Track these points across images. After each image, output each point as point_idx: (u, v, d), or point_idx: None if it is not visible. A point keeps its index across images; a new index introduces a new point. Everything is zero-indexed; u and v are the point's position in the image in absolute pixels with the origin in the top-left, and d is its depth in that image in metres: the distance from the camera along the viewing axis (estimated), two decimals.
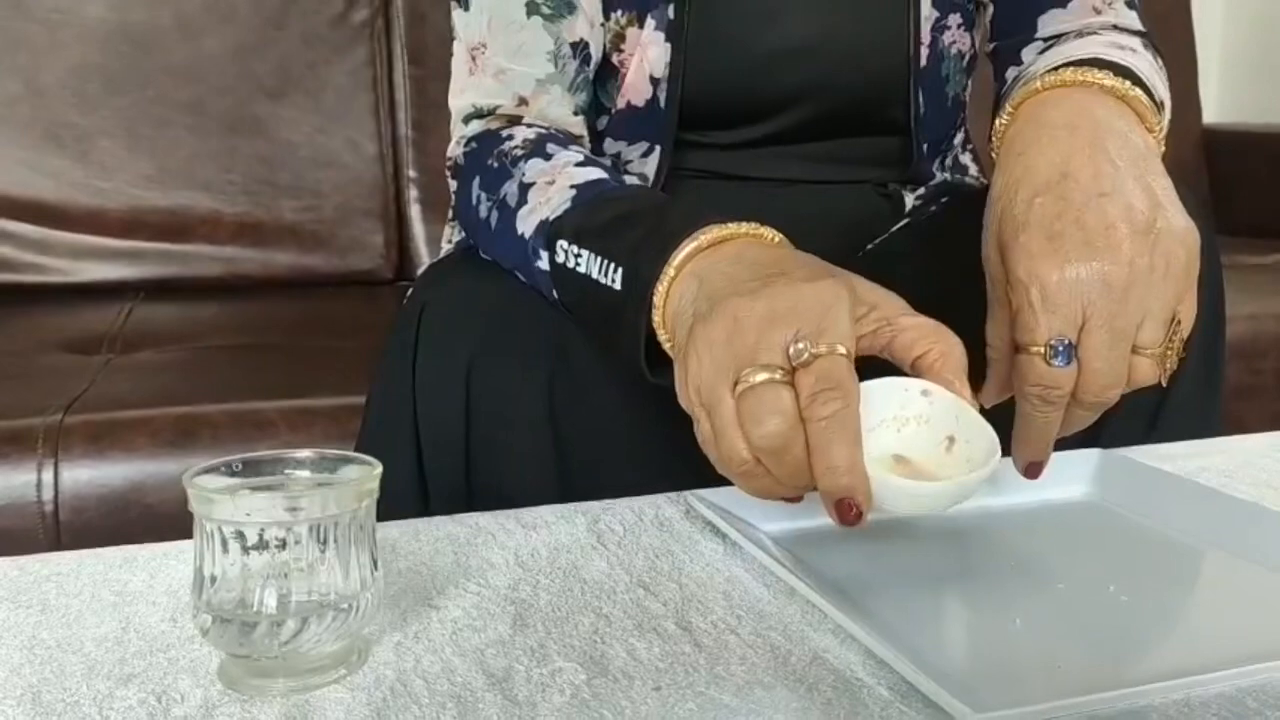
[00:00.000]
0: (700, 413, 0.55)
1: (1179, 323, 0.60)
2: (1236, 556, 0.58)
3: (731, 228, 0.63)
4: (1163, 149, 0.71)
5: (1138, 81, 0.69)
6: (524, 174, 0.77)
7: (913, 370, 0.57)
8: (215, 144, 1.67)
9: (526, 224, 0.75)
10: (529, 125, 0.84)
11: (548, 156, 0.78)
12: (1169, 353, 0.60)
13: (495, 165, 0.80)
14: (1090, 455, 0.69)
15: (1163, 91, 0.75)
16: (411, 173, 1.77)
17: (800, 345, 0.52)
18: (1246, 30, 2.40)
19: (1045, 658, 0.49)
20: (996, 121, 0.70)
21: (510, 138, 0.82)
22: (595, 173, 0.75)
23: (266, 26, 1.70)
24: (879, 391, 0.55)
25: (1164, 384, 0.61)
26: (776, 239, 0.64)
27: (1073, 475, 0.68)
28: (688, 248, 0.62)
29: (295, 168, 1.70)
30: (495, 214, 0.78)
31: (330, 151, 1.72)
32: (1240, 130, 2.16)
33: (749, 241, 0.63)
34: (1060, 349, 0.57)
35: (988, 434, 0.54)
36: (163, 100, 1.66)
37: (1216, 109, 2.36)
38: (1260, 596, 0.55)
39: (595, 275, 0.68)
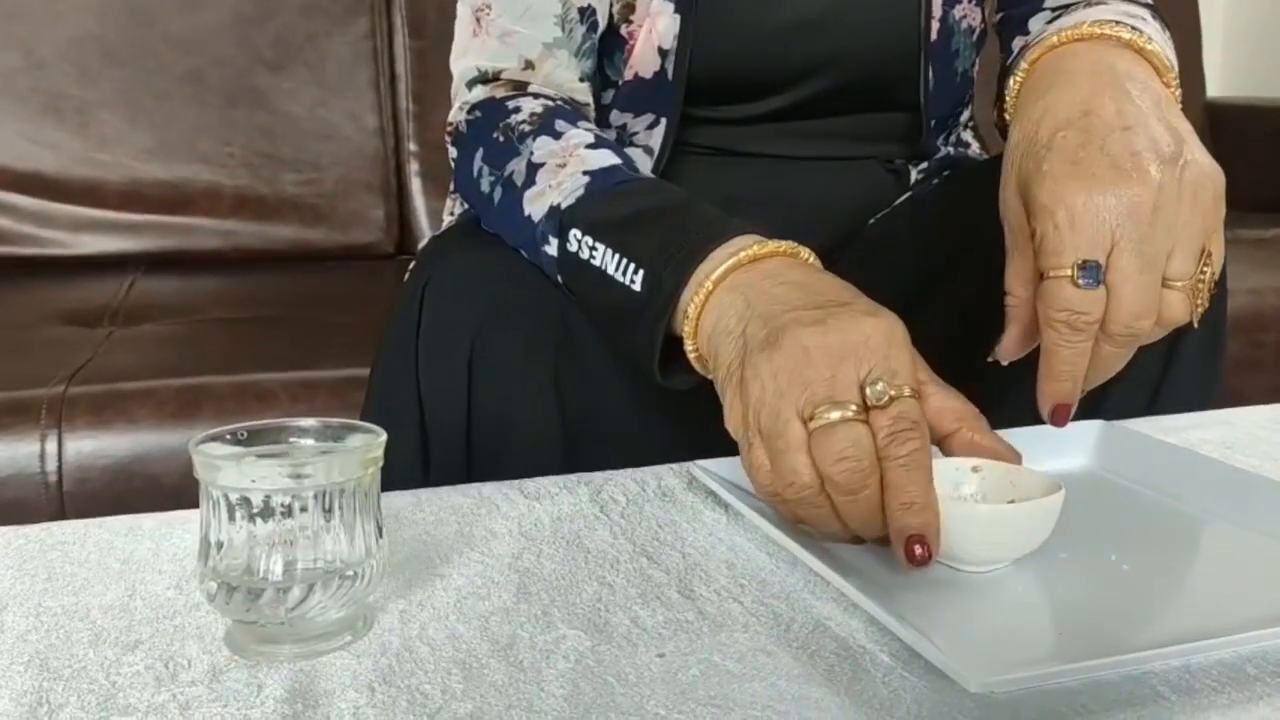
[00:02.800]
0: (754, 438, 0.54)
1: (1210, 256, 0.59)
2: (1237, 526, 0.59)
3: (771, 245, 0.62)
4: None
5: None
6: (532, 152, 0.76)
7: (946, 447, 0.56)
8: (215, 116, 1.67)
9: (534, 206, 0.74)
10: (535, 95, 0.83)
11: (557, 135, 0.77)
12: (1200, 287, 0.59)
13: (500, 139, 0.79)
14: (1091, 426, 0.69)
15: (1173, 59, 0.75)
16: (412, 146, 1.77)
17: (880, 386, 0.52)
18: (1251, 4, 2.39)
19: (1047, 625, 0.49)
20: (1011, 80, 0.70)
21: (517, 110, 0.80)
22: (608, 157, 0.75)
23: None
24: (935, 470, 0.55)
25: (1195, 324, 0.60)
26: (810, 258, 0.63)
27: (1074, 446, 0.68)
28: (726, 262, 0.61)
29: (296, 140, 1.69)
30: (499, 190, 0.77)
31: (331, 124, 1.71)
32: (1243, 104, 2.16)
33: (787, 260, 0.62)
34: (1089, 268, 0.57)
35: (1045, 480, 0.54)
36: (162, 72, 1.66)
37: (1220, 82, 2.35)
38: (1261, 565, 0.55)
39: (611, 272, 0.67)
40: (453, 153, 0.85)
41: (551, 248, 0.72)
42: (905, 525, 0.50)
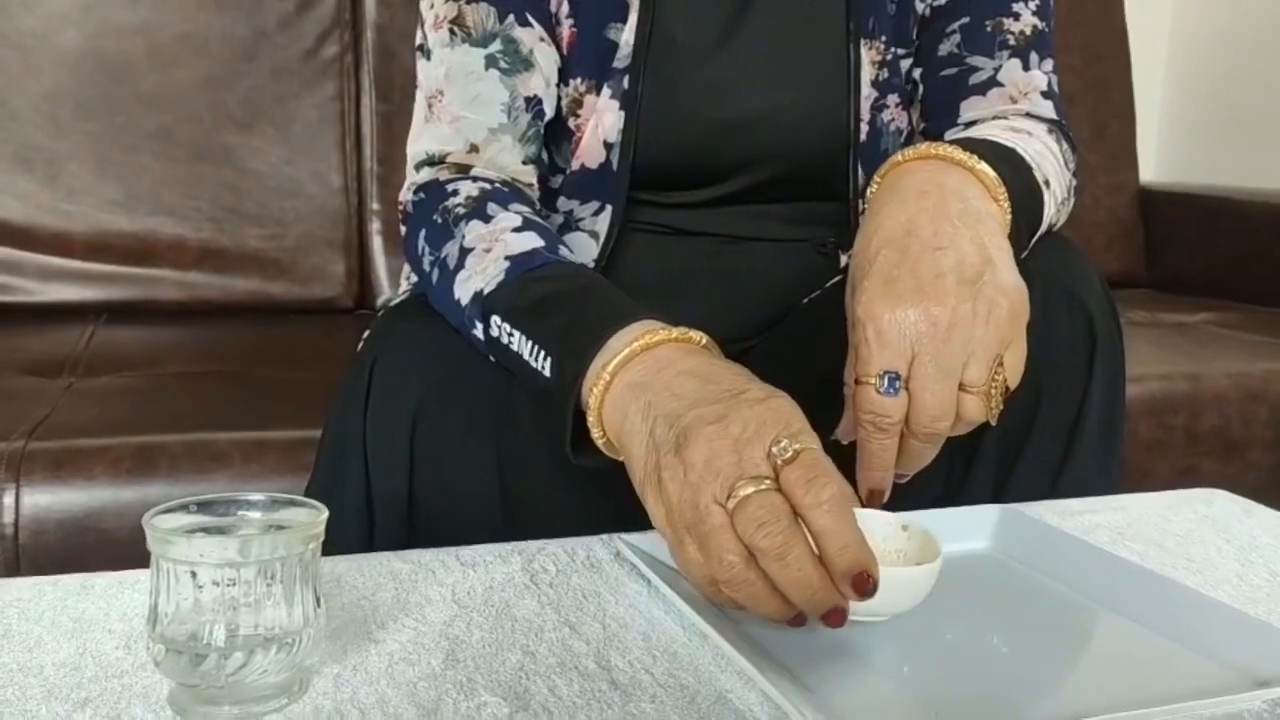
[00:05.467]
0: (683, 535, 0.58)
1: (1002, 365, 0.66)
2: (1114, 612, 0.64)
3: (663, 333, 0.67)
4: (1044, 225, 0.79)
5: (1004, 159, 0.75)
6: (464, 237, 0.81)
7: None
8: (183, 171, 1.70)
9: (463, 290, 0.79)
10: (475, 179, 0.87)
11: (488, 218, 0.82)
12: (993, 392, 0.66)
13: (439, 221, 0.84)
14: (991, 511, 0.74)
15: (1049, 170, 0.82)
16: (375, 205, 1.81)
17: (784, 444, 0.57)
18: (1186, 92, 2.49)
19: (926, 703, 0.54)
20: (868, 190, 0.76)
21: (455, 193, 0.85)
22: (531, 240, 0.79)
23: (237, 59, 1.73)
24: (865, 522, 0.60)
25: (992, 423, 0.67)
26: (703, 341, 0.68)
27: (974, 530, 0.73)
28: (622, 353, 0.66)
29: (261, 197, 1.73)
30: (437, 272, 0.82)
31: (296, 182, 1.75)
32: (1175, 191, 2.24)
33: (679, 347, 0.66)
34: (889, 379, 0.64)
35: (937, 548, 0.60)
36: (133, 127, 1.69)
37: (1155, 169, 2.45)
38: (1130, 651, 0.60)
39: (526, 357, 0.72)
40: (403, 230, 0.90)
41: (479, 331, 0.77)
42: (847, 564, 0.54)
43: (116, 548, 1.05)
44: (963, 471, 0.83)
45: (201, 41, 1.72)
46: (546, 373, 0.70)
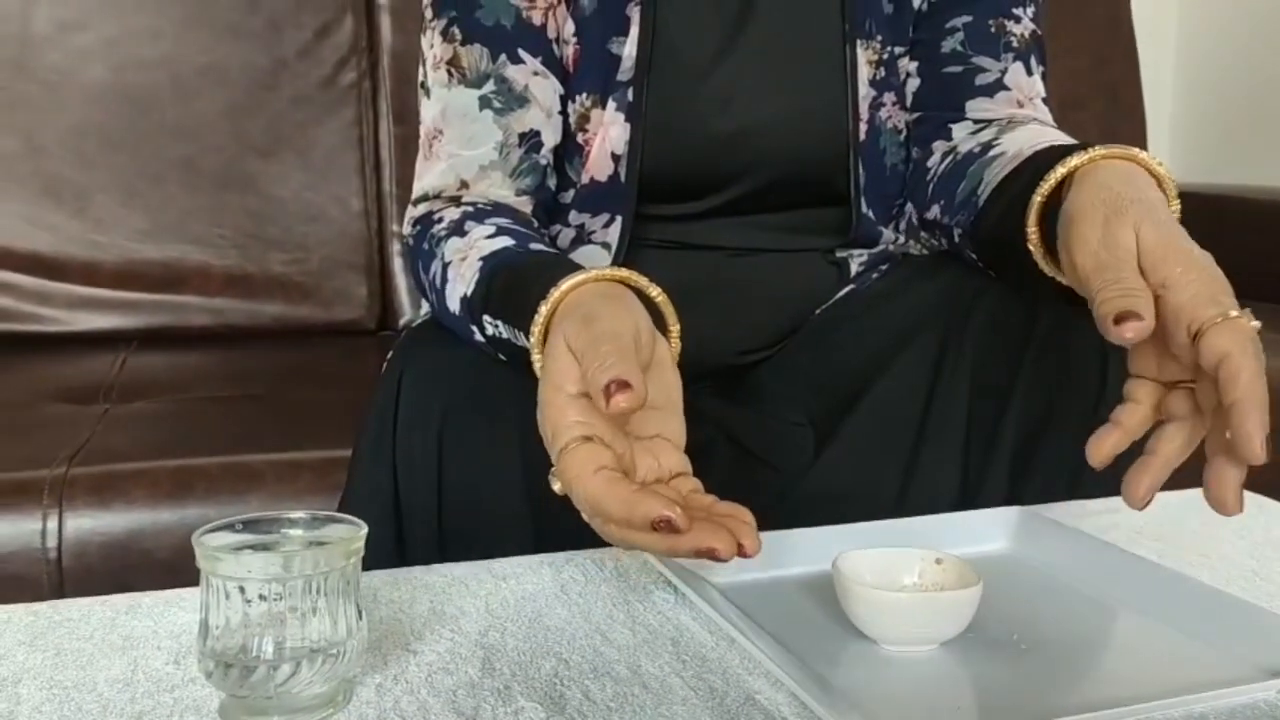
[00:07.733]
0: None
1: None
2: (1132, 609, 0.65)
3: (574, 279, 0.67)
4: None
5: None
6: (444, 254, 0.84)
7: None
8: (207, 200, 1.74)
9: (454, 301, 0.81)
10: (460, 204, 0.90)
11: (464, 234, 0.84)
12: None
13: (427, 248, 0.87)
14: (1010, 513, 0.76)
15: None
16: (395, 227, 1.84)
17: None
18: (1195, 94, 2.50)
19: (949, 699, 0.56)
20: (1074, 158, 0.73)
21: (440, 220, 0.88)
22: (501, 241, 0.81)
23: (258, 88, 1.77)
24: (899, 559, 0.63)
25: None
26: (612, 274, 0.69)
27: (993, 532, 0.74)
28: (543, 311, 0.67)
29: (284, 222, 1.77)
30: (434, 294, 0.85)
31: (318, 207, 1.78)
32: (1184, 190, 2.23)
33: (593, 289, 0.67)
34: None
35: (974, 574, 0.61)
36: (158, 158, 1.73)
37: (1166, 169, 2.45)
38: (1148, 646, 0.62)
39: (518, 342, 0.73)
40: (409, 263, 0.93)
41: (478, 334, 0.79)
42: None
43: (157, 568, 1.08)
44: (979, 475, 0.85)
45: (223, 72, 1.76)
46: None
